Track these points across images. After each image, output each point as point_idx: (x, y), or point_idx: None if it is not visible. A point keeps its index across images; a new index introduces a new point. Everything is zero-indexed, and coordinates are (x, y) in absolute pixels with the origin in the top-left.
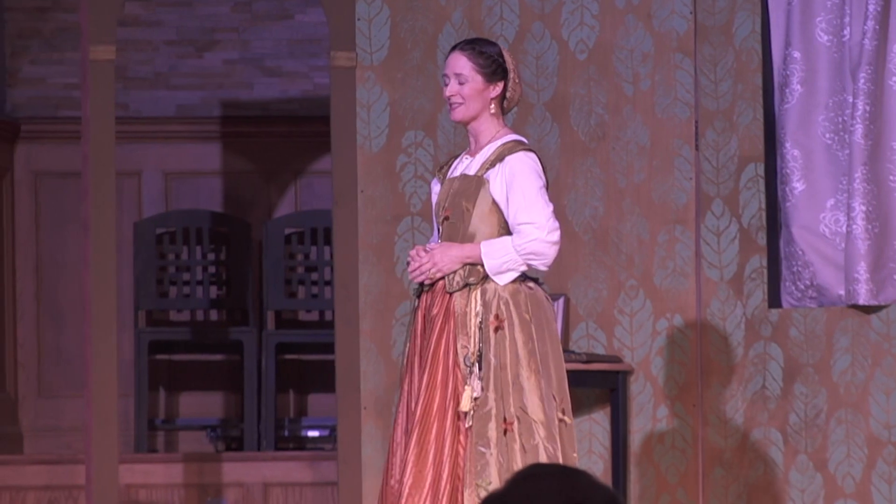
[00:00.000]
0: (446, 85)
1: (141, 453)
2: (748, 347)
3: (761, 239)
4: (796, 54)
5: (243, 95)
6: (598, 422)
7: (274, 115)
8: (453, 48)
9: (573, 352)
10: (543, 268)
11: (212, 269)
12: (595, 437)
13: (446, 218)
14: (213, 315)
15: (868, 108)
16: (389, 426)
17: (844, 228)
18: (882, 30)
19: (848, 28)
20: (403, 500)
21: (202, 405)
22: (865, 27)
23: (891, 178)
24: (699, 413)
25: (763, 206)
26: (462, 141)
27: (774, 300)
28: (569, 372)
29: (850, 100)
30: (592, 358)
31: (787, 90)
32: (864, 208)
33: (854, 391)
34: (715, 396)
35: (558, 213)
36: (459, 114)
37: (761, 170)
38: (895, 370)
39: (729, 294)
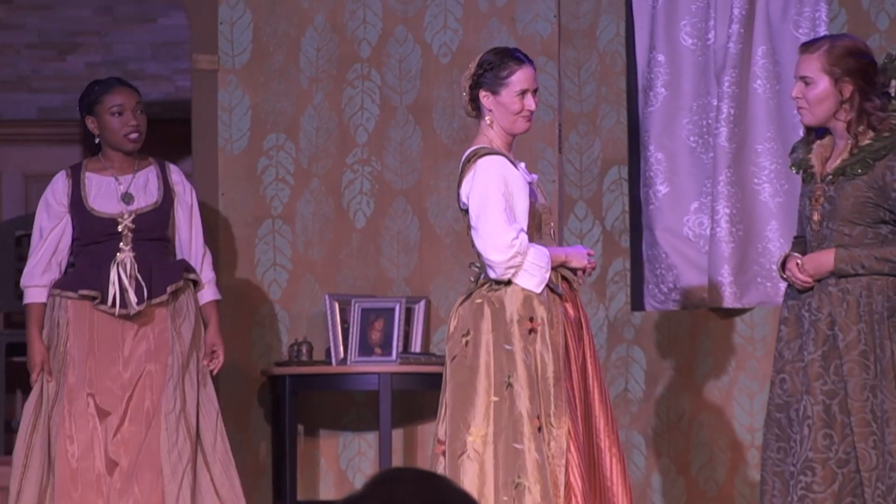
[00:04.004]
0: (524, 98)
1: None
2: (611, 350)
3: (624, 241)
4: (660, 58)
5: None
6: None
7: None
8: (528, 61)
9: (433, 354)
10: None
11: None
12: None
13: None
14: None
15: (732, 111)
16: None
17: (708, 231)
18: (746, 33)
19: (712, 32)
20: None
21: None
22: (730, 31)
23: (755, 181)
24: None
25: (626, 208)
26: (323, 144)
27: (637, 303)
28: (429, 375)
29: (715, 103)
30: None
31: (651, 93)
32: (727, 211)
33: (717, 394)
34: None
35: (420, 216)
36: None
37: (625, 172)
38: (758, 373)
39: (591, 297)
